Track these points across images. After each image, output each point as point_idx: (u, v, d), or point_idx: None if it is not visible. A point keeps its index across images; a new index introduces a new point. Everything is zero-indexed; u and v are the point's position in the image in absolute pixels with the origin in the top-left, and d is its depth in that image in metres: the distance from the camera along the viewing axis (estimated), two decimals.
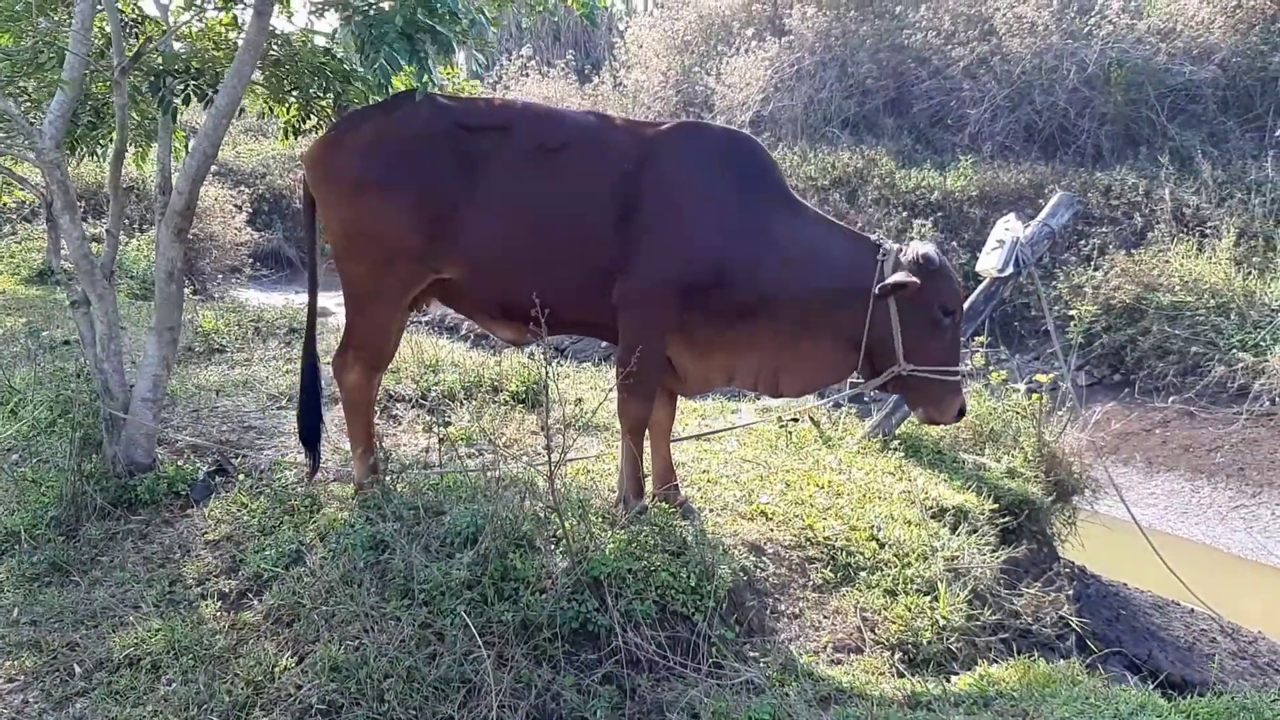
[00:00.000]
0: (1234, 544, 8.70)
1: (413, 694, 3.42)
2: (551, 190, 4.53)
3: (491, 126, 4.58)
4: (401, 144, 4.49)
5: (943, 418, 4.84)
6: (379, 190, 4.45)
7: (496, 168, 4.50)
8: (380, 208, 4.46)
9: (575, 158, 4.58)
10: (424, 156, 4.47)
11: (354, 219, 4.54)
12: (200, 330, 7.88)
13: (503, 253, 4.56)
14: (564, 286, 4.56)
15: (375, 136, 4.53)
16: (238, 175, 21.37)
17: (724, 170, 4.69)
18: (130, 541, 4.64)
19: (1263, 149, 13.39)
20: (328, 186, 4.60)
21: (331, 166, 4.57)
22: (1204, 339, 10.96)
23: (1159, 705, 3.60)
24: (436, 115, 4.54)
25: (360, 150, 4.52)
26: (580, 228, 4.55)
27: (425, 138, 4.49)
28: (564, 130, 4.65)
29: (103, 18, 5.13)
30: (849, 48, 17.38)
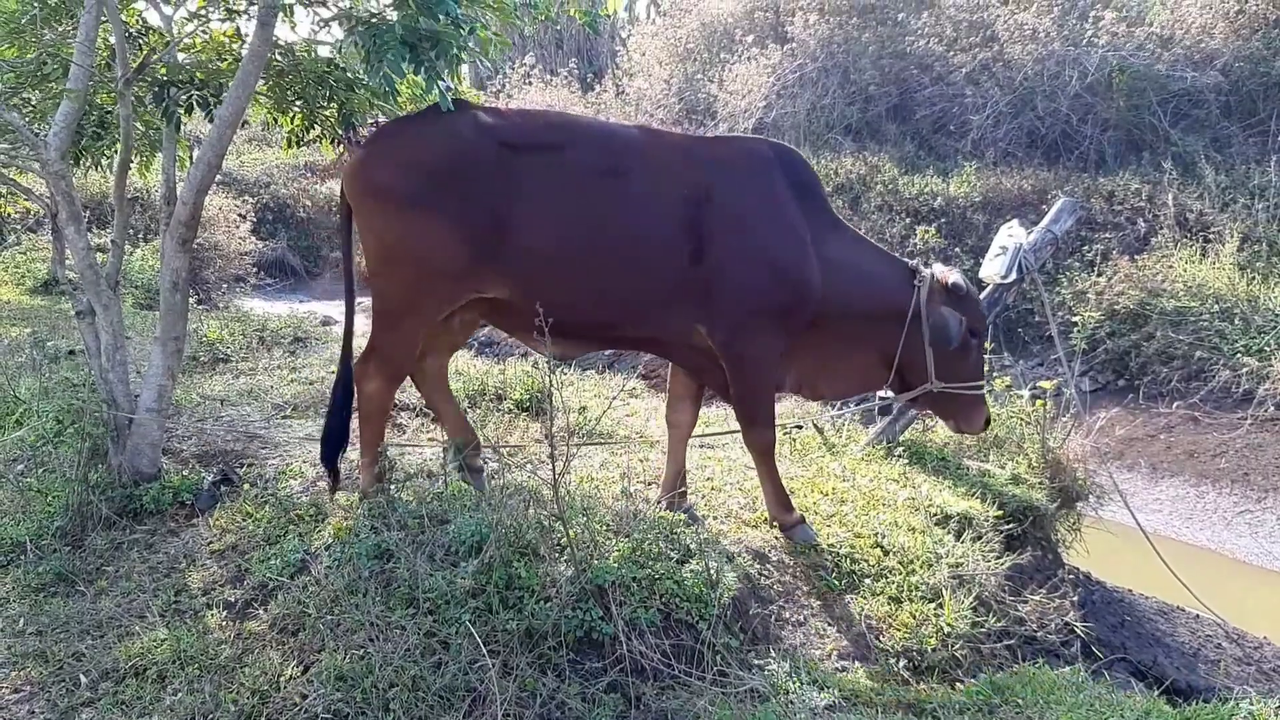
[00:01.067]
0: (1239, 549, 8.69)
1: (418, 703, 3.42)
2: (618, 209, 4.55)
3: (543, 145, 4.53)
4: (445, 161, 4.40)
5: (971, 428, 5.35)
6: (421, 208, 4.37)
7: (554, 186, 4.46)
8: (421, 226, 4.38)
9: (640, 176, 4.59)
10: (469, 175, 4.38)
11: (393, 236, 4.46)
12: (205, 340, 7.90)
13: (565, 272, 4.54)
14: (631, 305, 4.68)
15: (418, 152, 4.45)
16: (242, 184, 21.41)
17: (785, 188, 4.79)
18: (136, 551, 4.64)
19: (1266, 154, 13.39)
20: (367, 201, 4.50)
21: (372, 181, 4.47)
22: (1208, 344, 10.95)
23: (1164, 712, 3.60)
24: (482, 132, 4.45)
25: (402, 166, 4.44)
26: (650, 247, 4.59)
27: (471, 156, 4.41)
28: (624, 148, 4.66)
29: (107, 29, 5.15)
30: (851, 54, 17.39)
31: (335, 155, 6.57)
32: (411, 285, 4.51)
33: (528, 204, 4.41)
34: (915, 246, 13.76)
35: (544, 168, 4.47)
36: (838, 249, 4.90)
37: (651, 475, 5.53)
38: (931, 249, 13.67)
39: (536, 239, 4.44)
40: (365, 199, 4.50)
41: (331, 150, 6.38)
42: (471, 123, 4.48)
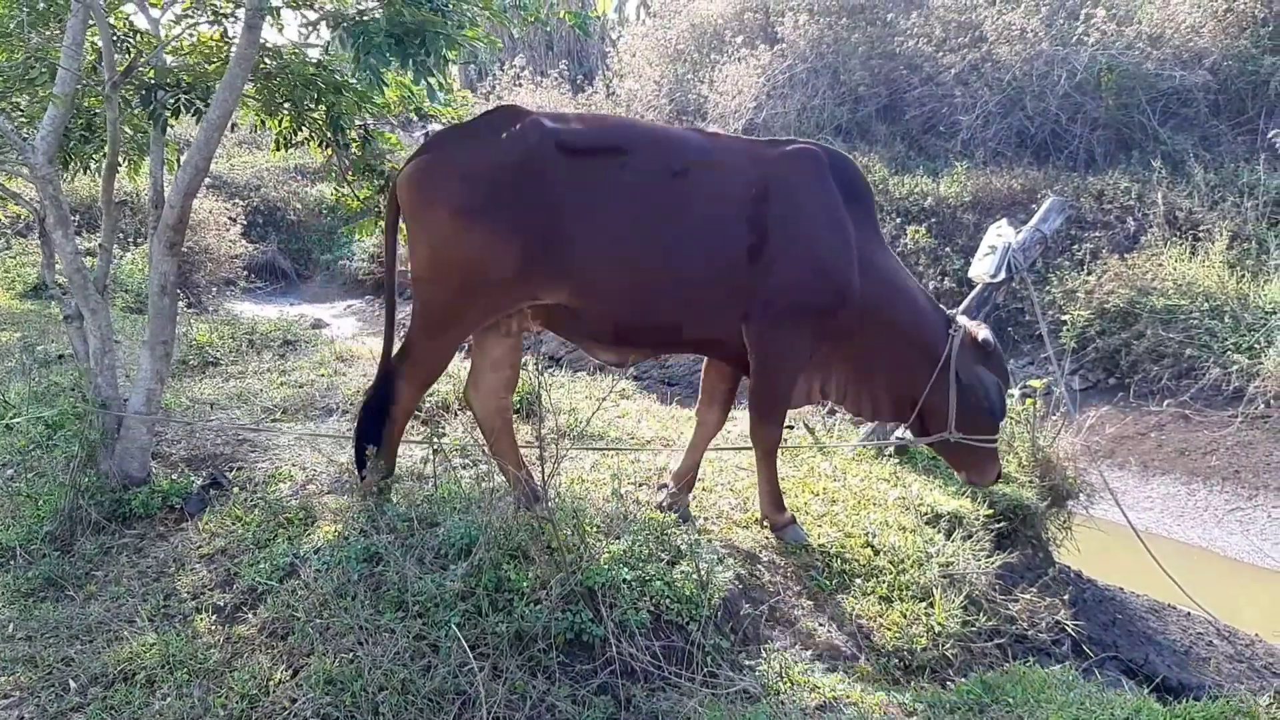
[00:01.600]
0: (1230, 547, 8.71)
1: (407, 706, 3.42)
2: (681, 214, 4.57)
3: (603, 149, 4.54)
4: (508, 170, 4.36)
5: (983, 481, 5.38)
6: (481, 218, 4.33)
7: (616, 192, 4.48)
8: (478, 237, 4.34)
9: (702, 181, 4.62)
10: (531, 183, 4.36)
11: (449, 245, 4.40)
12: (194, 343, 7.88)
13: (627, 278, 4.58)
14: (694, 309, 4.72)
15: (481, 161, 4.39)
16: (232, 188, 21.40)
17: (839, 194, 4.86)
18: (125, 556, 4.64)
19: (1254, 152, 13.42)
20: (426, 210, 4.43)
21: (431, 190, 4.41)
22: (1198, 342, 10.97)
23: (1154, 710, 3.60)
24: (545, 139, 4.40)
25: (462, 175, 4.39)
26: (713, 251, 4.63)
27: (534, 163, 4.37)
28: (685, 153, 4.66)
29: (94, 32, 5.14)
30: (841, 55, 17.40)
31: (324, 158, 6.55)
32: (457, 294, 4.45)
33: (592, 209, 4.43)
34: (906, 246, 13.78)
35: (607, 172, 4.48)
36: (882, 261, 5.03)
37: (642, 476, 5.53)
38: (922, 249, 13.69)
39: (602, 243, 4.46)
40: (424, 208, 4.44)
41: (320, 153, 6.38)
42: (534, 129, 4.43)
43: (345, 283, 21.88)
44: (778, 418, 5.03)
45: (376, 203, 6.63)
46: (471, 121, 4.66)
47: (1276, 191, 12.43)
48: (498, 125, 4.47)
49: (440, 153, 4.50)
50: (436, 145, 4.56)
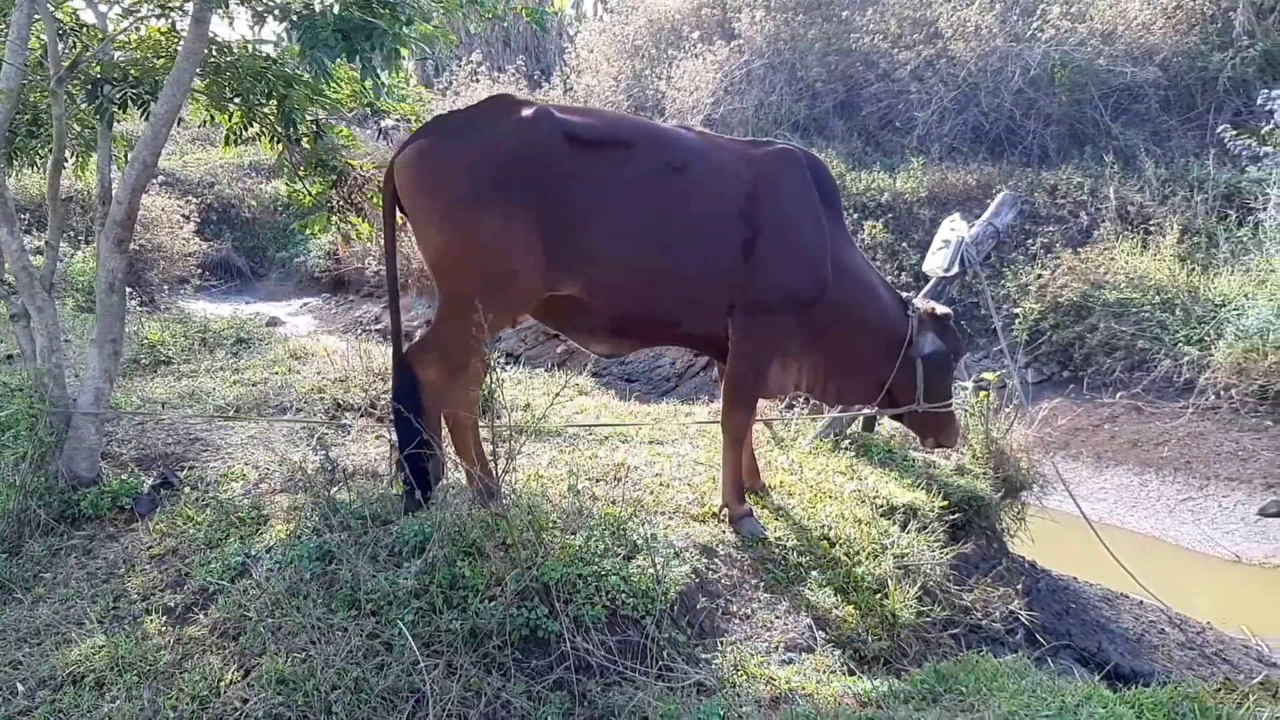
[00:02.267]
0: (1182, 536, 8.84)
1: (360, 705, 3.39)
2: (683, 210, 4.67)
3: (610, 142, 4.56)
4: (518, 156, 4.31)
5: (949, 442, 5.81)
6: (493, 204, 4.26)
7: (622, 185, 4.51)
8: (494, 225, 4.26)
9: (699, 177, 4.73)
10: (542, 170, 4.33)
11: (463, 237, 4.29)
12: (146, 342, 7.78)
13: (631, 270, 4.65)
14: (692, 302, 4.87)
15: (488, 146, 4.32)
16: (185, 185, 21.16)
17: (818, 193, 5.08)
18: (74, 557, 4.57)
19: (1204, 147, 13.64)
20: (427, 201, 4.34)
21: (433, 180, 4.31)
22: (1150, 335, 11.13)
23: (1105, 697, 3.63)
24: (553, 128, 4.38)
25: (471, 161, 4.30)
26: (712, 246, 4.76)
27: (544, 151, 4.34)
28: (683, 150, 4.75)
29: (40, 26, 5.06)
30: (798, 51, 17.48)
31: (276, 153, 6.49)
32: (485, 286, 4.29)
33: (600, 201, 4.46)
34: (863, 241, 13.86)
35: (612, 165, 4.51)
36: (850, 257, 5.30)
37: (600, 472, 5.51)
38: (879, 244, 13.78)
39: (610, 234, 4.50)
40: (425, 199, 4.35)
41: (271, 148, 6.31)
42: (545, 117, 4.40)
43: (301, 280, 21.70)
44: (750, 406, 5.18)
45: (329, 198, 6.57)
46: (469, 110, 4.57)
47: (1225, 186, 12.64)
48: (501, 112, 4.43)
49: (444, 139, 4.37)
50: (436, 132, 4.42)
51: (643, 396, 10.37)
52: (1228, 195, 12.59)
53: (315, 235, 8.04)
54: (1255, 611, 7.12)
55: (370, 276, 20.13)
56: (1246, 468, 9.44)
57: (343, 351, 7.62)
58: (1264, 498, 8.98)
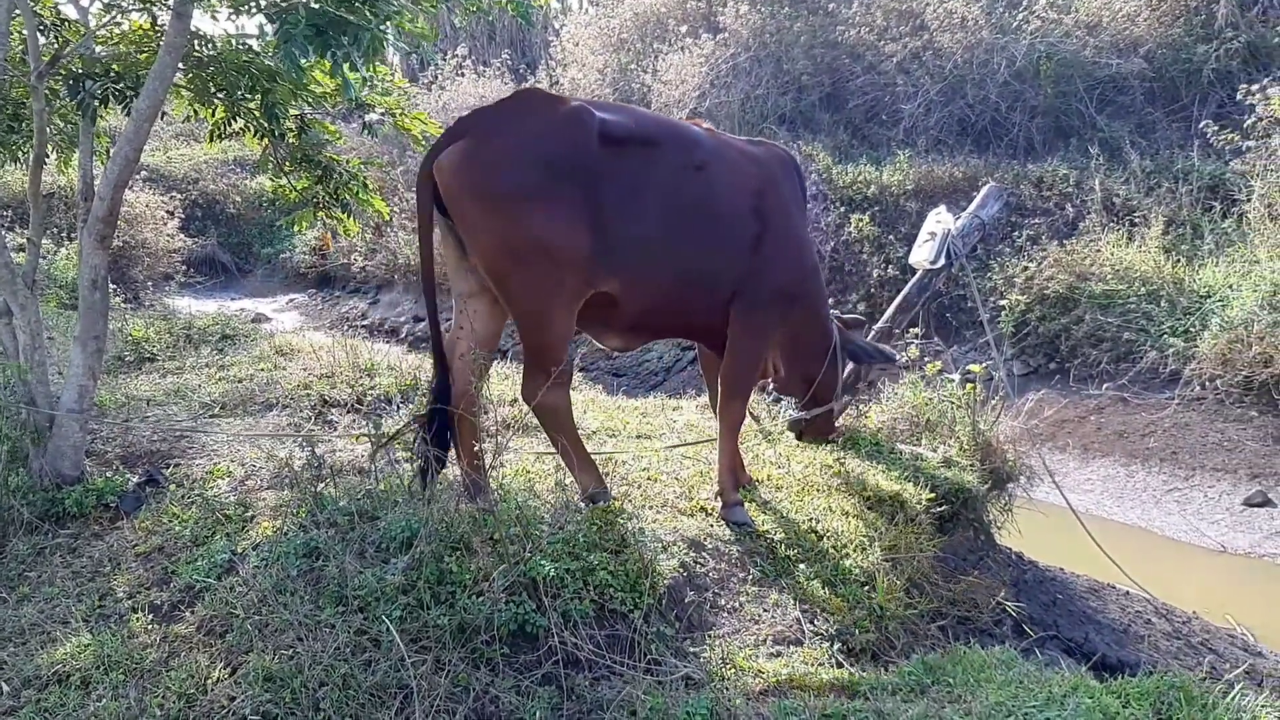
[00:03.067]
0: (1168, 527, 8.87)
1: (348, 701, 3.38)
2: (705, 207, 4.80)
3: (641, 140, 4.61)
4: (561, 153, 4.33)
5: (834, 435, 6.26)
6: (542, 201, 4.27)
7: (651, 182, 4.57)
8: (544, 223, 4.27)
9: (717, 176, 4.85)
10: (583, 169, 4.35)
11: (516, 232, 4.27)
12: (130, 339, 7.74)
13: (662, 267, 4.73)
14: (708, 296, 5.01)
15: (530, 147, 4.31)
16: (169, 181, 21.07)
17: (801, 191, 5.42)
18: (59, 556, 4.55)
19: (1188, 139, 13.67)
20: (476, 202, 4.29)
21: (480, 177, 4.26)
22: (1136, 326, 11.15)
23: (1091, 686, 3.65)
24: (592, 124, 4.40)
25: (515, 162, 4.29)
26: (729, 242, 4.93)
27: (585, 147, 4.36)
28: (702, 148, 4.86)
29: (20, 21, 5.02)
30: (784, 44, 17.47)
31: (261, 149, 6.46)
32: (545, 280, 4.35)
33: (635, 197, 4.50)
34: (850, 235, 13.88)
35: (645, 162, 4.57)
36: (813, 256, 5.63)
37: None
38: (866, 237, 13.79)
39: (644, 232, 4.56)
40: (474, 197, 4.29)
41: (256, 143, 6.28)
42: (587, 115, 4.42)
43: (287, 276, 21.64)
44: (747, 394, 5.40)
45: (315, 193, 6.55)
46: (500, 106, 4.50)
47: (1210, 177, 12.66)
48: (538, 109, 4.44)
49: (486, 137, 4.32)
50: (475, 130, 4.35)
51: (630, 391, 10.38)
52: (1212, 187, 12.61)
53: (301, 231, 8.02)
54: (1240, 601, 7.14)
55: (356, 272, 20.10)
56: (1232, 458, 9.47)
57: (329, 347, 7.59)
58: (1249, 488, 9.02)
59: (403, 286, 18.98)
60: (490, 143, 4.30)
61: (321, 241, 20.61)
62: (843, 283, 13.94)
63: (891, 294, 11.30)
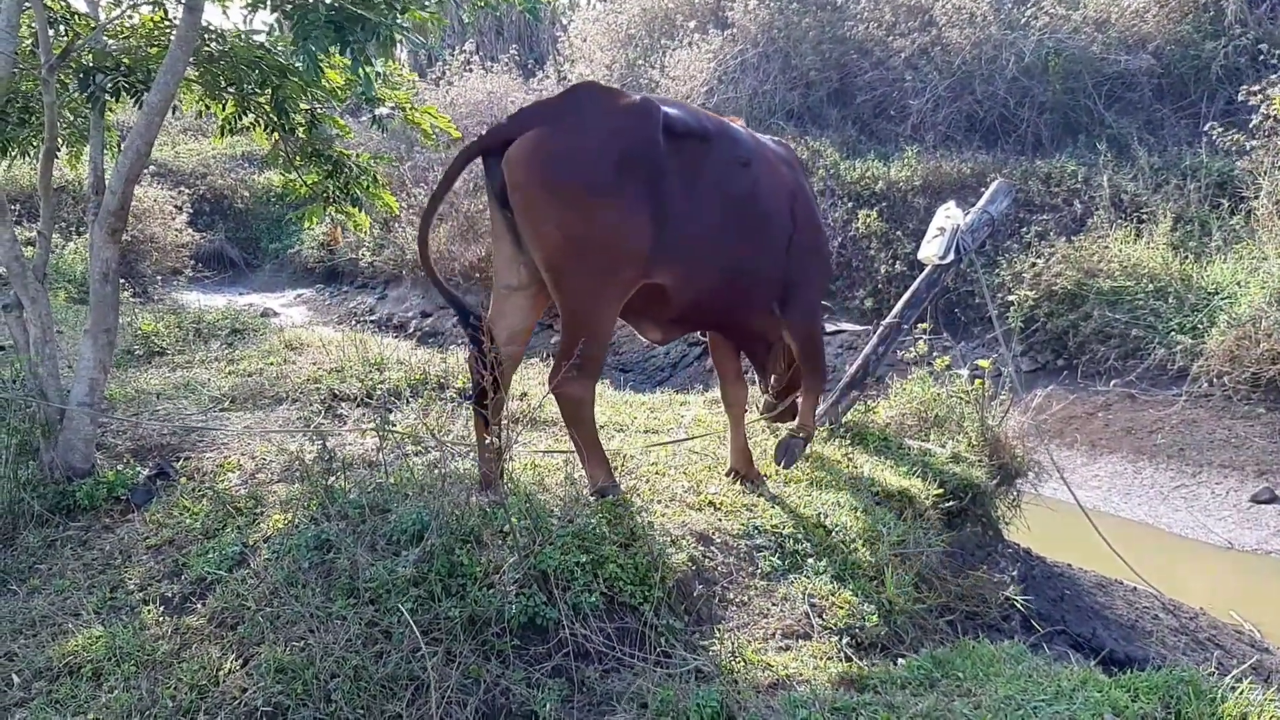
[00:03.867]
0: (1175, 523, 8.87)
1: (360, 693, 3.39)
2: (752, 203, 4.87)
3: (697, 134, 4.63)
4: (631, 147, 4.33)
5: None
6: (610, 195, 4.27)
7: (705, 177, 4.62)
8: (611, 214, 4.27)
9: (760, 172, 4.94)
10: (649, 161, 4.36)
11: (584, 226, 4.24)
12: (140, 333, 7.76)
13: (714, 260, 4.77)
14: (746, 292, 5.10)
15: (604, 140, 4.30)
16: (178, 175, 21.12)
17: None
18: (69, 548, 4.56)
19: (1197, 135, 13.64)
20: (547, 191, 4.23)
21: (554, 170, 4.22)
22: (1144, 323, 11.14)
23: (1100, 681, 3.65)
24: (658, 119, 4.41)
25: (590, 155, 4.27)
26: (771, 238, 5.04)
27: (652, 141, 4.37)
28: (746, 146, 4.94)
29: (30, 14, 5.03)
30: (791, 39, 17.45)
31: (270, 143, 6.47)
32: (600, 276, 4.36)
33: (691, 191, 4.54)
34: (857, 230, 13.87)
35: (699, 157, 4.60)
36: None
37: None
38: (874, 232, 13.79)
39: (699, 225, 4.60)
40: (545, 190, 4.25)
41: (266, 138, 6.29)
42: (650, 108, 4.44)
43: (294, 271, 21.68)
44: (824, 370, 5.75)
45: (325, 188, 6.56)
46: (564, 99, 4.50)
47: (1218, 174, 12.64)
48: (605, 102, 4.43)
49: (559, 129, 4.29)
50: (547, 122, 4.31)
51: (636, 386, 10.39)
52: (1220, 183, 12.60)
53: (311, 226, 8.02)
54: (1247, 598, 7.15)
55: (364, 267, 20.12)
56: (1239, 455, 9.47)
57: (338, 342, 7.61)
58: (1256, 485, 9.01)
59: (410, 281, 19.00)
60: (563, 135, 4.27)
61: (331, 236, 20.65)
62: (850, 278, 13.94)
63: (899, 289, 11.30)
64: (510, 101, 21.11)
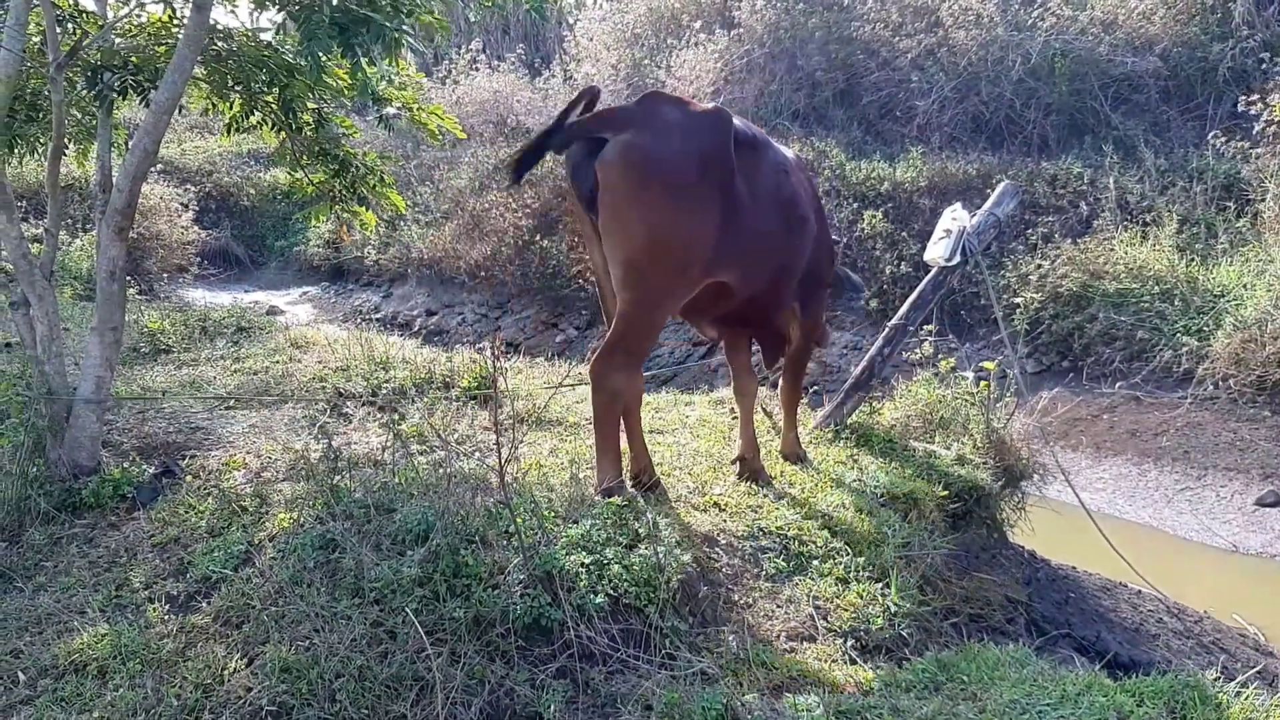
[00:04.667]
0: (1180, 526, 8.86)
1: (364, 693, 3.40)
2: (792, 207, 5.18)
3: (750, 143, 4.91)
4: (712, 149, 4.57)
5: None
6: (695, 200, 4.49)
7: (759, 181, 4.89)
8: (691, 215, 4.50)
9: (794, 177, 5.26)
10: (723, 166, 4.60)
11: (669, 225, 4.46)
12: (145, 331, 7.77)
13: (766, 259, 5.05)
14: (785, 290, 5.41)
15: (688, 146, 4.50)
16: (184, 173, 21.15)
17: None
18: (75, 546, 4.56)
19: (1203, 137, 13.62)
20: (641, 190, 4.43)
21: (648, 171, 4.43)
22: (1149, 325, 11.13)
23: (1105, 685, 3.65)
24: (730, 126, 4.67)
25: (678, 159, 4.47)
26: (803, 240, 5.32)
27: (725, 150, 4.61)
28: (780, 152, 5.26)
29: (38, 13, 5.04)
30: (798, 40, 17.45)
31: (277, 142, 6.48)
32: (674, 273, 4.58)
33: (749, 194, 4.79)
34: (863, 231, 13.86)
35: (754, 162, 4.89)
36: None
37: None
38: (879, 233, 13.77)
39: (755, 227, 4.84)
40: (642, 187, 4.43)
41: (273, 137, 6.30)
42: (724, 116, 4.71)
43: (300, 269, 21.70)
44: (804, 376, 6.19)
45: (331, 187, 6.56)
46: (644, 105, 4.66)
47: (1224, 176, 12.63)
48: (682, 109, 4.63)
49: (651, 133, 4.48)
50: (638, 126, 4.50)
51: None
52: (1226, 186, 12.58)
53: (317, 224, 8.04)
54: (1252, 601, 7.14)
55: (369, 266, 20.14)
56: (1244, 458, 9.46)
57: (344, 340, 7.61)
58: (1261, 488, 9.00)
59: (415, 280, 19.02)
60: (653, 139, 4.46)
61: (339, 235, 20.68)
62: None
63: (904, 291, 11.29)
64: (516, 101, 21.12)
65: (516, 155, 4.58)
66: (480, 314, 17.18)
